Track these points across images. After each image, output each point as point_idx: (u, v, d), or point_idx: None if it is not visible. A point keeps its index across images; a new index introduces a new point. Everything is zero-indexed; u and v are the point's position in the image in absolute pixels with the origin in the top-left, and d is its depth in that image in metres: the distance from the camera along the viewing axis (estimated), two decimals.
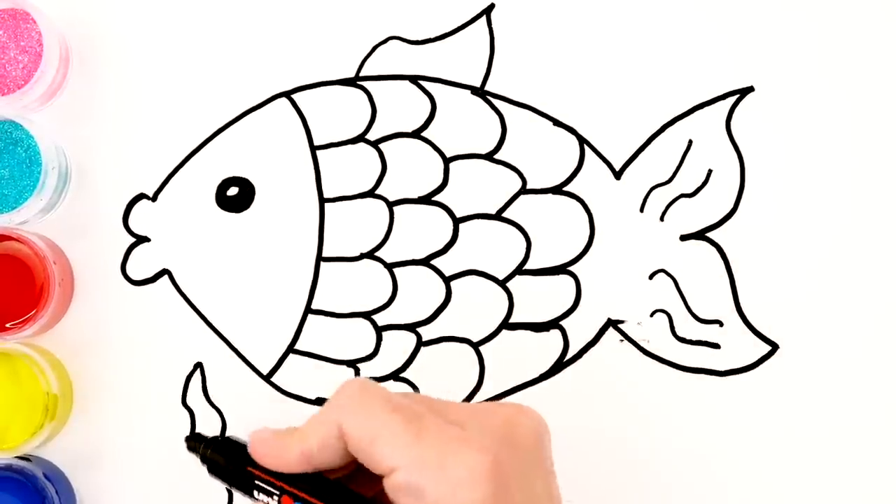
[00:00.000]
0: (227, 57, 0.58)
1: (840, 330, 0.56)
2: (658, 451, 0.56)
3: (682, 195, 0.57)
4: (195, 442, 0.44)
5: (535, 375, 0.56)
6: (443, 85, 0.57)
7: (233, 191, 0.57)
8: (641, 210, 0.57)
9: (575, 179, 0.57)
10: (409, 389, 0.56)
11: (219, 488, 0.56)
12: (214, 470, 0.43)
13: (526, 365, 0.56)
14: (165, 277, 0.57)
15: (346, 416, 0.39)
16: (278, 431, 0.41)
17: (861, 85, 0.57)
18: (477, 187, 0.57)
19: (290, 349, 0.57)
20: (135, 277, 0.57)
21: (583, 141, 0.57)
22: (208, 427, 0.57)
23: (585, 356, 0.57)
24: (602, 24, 0.57)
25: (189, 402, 0.57)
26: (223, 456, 0.43)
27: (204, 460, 0.44)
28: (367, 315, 0.57)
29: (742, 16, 0.57)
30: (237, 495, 0.56)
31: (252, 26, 0.58)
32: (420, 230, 0.57)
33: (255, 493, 0.42)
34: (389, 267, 0.57)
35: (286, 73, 0.58)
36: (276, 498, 0.41)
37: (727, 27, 0.57)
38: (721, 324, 0.56)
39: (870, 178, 0.57)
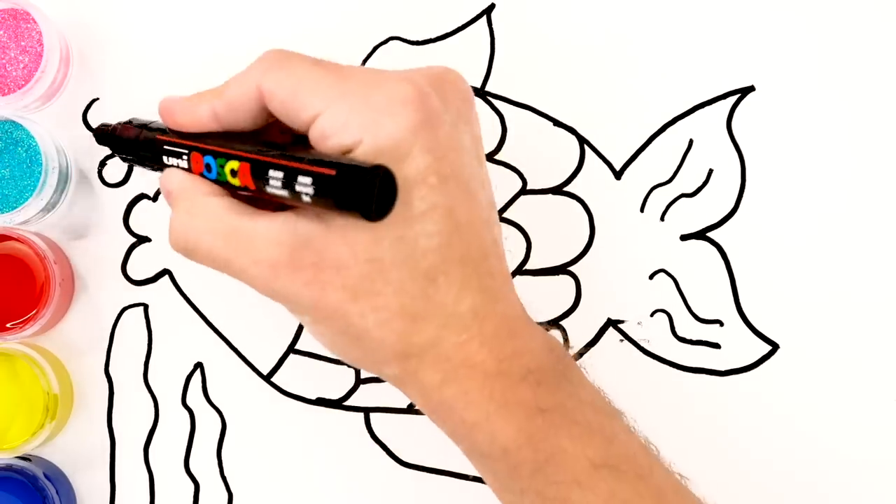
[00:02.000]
0: (227, 57, 0.58)
1: (840, 329, 0.56)
2: (659, 451, 0.56)
3: (683, 195, 0.57)
4: (102, 128, 0.45)
5: None
6: None
7: None
8: (642, 210, 0.57)
9: (575, 179, 0.57)
10: None
11: (220, 491, 0.56)
12: (116, 143, 0.44)
13: None
14: (166, 277, 0.57)
15: (266, 74, 0.38)
16: (189, 95, 0.41)
17: (861, 85, 0.57)
18: None
19: (291, 349, 0.57)
20: (135, 277, 0.57)
21: (583, 141, 0.57)
22: (208, 429, 0.57)
23: (585, 356, 0.57)
24: (602, 23, 0.57)
25: (189, 402, 0.57)
26: (129, 129, 0.43)
27: (104, 137, 0.44)
28: None
29: (742, 15, 0.57)
30: None
31: (253, 26, 0.58)
32: None
33: (164, 157, 0.41)
34: None
35: None
36: (185, 158, 0.40)
37: (727, 27, 0.57)
38: (721, 323, 0.56)
39: (870, 178, 0.57)
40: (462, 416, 0.38)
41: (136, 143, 0.43)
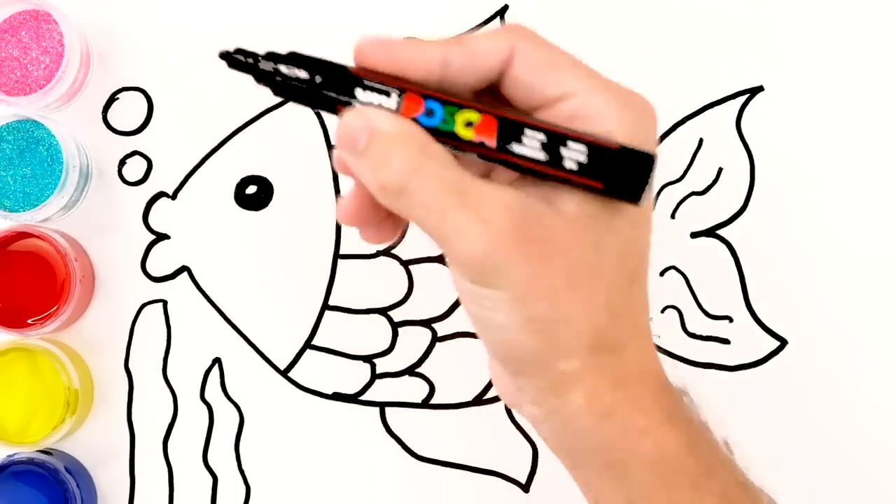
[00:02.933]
0: None
1: (848, 325, 0.57)
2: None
3: (693, 193, 0.57)
4: (245, 57, 0.37)
5: None
6: None
7: (251, 189, 0.58)
8: (652, 208, 0.58)
9: None
10: (424, 385, 0.57)
11: (238, 484, 0.57)
12: (286, 81, 0.36)
13: None
14: (185, 274, 0.58)
15: (522, 38, 0.36)
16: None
17: (870, 84, 0.58)
18: None
19: (308, 345, 0.58)
20: (155, 274, 0.58)
21: None
22: (226, 423, 0.57)
23: None
24: (613, 24, 0.58)
25: (207, 396, 0.57)
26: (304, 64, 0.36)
27: (267, 77, 0.36)
28: (383, 311, 0.58)
29: (752, 16, 0.58)
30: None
31: (269, 27, 0.59)
32: None
33: (360, 91, 0.35)
34: (405, 264, 0.58)
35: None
36: (396, 95, 0.35)
37: (737, 27, 0.58)
38: (731, 319, 0.57)
39: (878, 176, 0.57)
40: (631, 421, 0.37)
41: (315, 68, 0.36)
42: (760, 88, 0.58)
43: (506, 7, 0.58)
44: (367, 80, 0.35)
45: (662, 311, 0.57)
